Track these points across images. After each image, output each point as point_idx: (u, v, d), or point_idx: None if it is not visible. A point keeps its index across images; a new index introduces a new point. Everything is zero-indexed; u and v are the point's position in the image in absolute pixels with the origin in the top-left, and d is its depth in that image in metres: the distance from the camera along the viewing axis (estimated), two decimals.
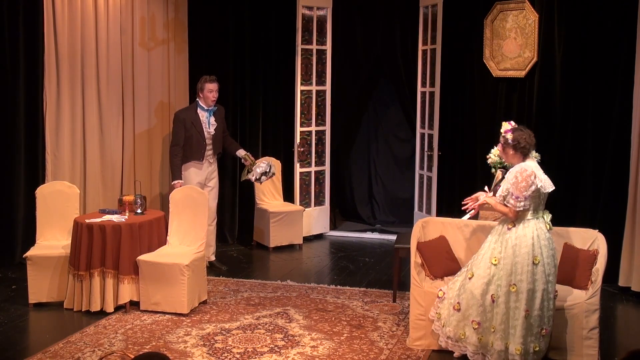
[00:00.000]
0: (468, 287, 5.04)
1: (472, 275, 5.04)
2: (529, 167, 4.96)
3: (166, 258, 6.11)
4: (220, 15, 8.55)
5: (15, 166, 7.29)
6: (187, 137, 7.26)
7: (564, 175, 7.41)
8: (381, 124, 9.75)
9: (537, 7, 7.46)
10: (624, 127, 6.83)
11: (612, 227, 6.66)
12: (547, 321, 4.91)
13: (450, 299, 5.17)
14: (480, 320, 4.98)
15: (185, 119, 7.26)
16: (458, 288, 5.14)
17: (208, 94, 7.28)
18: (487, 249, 5.06)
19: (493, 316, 4.95)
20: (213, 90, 7.29)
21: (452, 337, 5.13)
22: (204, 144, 7.31)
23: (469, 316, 5.04)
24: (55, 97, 7.40)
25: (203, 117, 7.31)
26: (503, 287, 4.90)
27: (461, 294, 5.09)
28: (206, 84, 7.28)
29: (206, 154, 7.35)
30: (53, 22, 7.32)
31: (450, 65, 8.16)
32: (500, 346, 4.92)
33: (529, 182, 4.88)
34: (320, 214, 8.99)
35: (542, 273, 4.87)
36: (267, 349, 5.31)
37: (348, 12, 9.14)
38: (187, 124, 7.25)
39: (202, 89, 7.29)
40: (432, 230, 5.79)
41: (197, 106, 7.34)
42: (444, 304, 5.22)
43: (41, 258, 6.22)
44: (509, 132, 5.05)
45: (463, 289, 5.09)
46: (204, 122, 7.30)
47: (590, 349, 5.09)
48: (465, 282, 5.08)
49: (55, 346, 5.35)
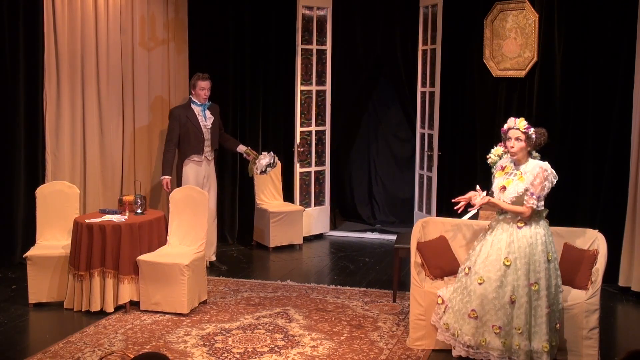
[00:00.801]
0: (480, 292, 4.94)
1: (483, 280, 4.94)
2: (547, 167, 5.01)
3: (166, 258, 6.11)
4: (220, 15, 8.55)
5: (15, 166, 7.29)
6: (184, 132, 7.25)
7: (564, 175, 7.36)
8: (381, 124, 9.75)
9: (537, 7, 7.46)
10: (624, 127, 6.83)
11: (612, 227, 6.66)
12: (559, 316, 4.97)
13: (459, 308, 5.05)
14: (502, 324, 4.90)
15: (180, 115, 7.26)
16: (467, 294, 5.02)
17: (200, 92, 7.28)
18: (493, 251, 4.98)
19: (515, 317, 4.89)
20: (205, 88, 7.28)
21: (473, 345, 5.00)
22: (202, 137, 7.30)
23: (488, 321, 4.93)
24: (55, 97, 7.40)
25: (197, 111, 7.32)
26: (523, 287, 4.86)
27: (473, 300, 4.97)
28: (198, 81, 7.28)
29: (205, 148, 7.33)
30: (53, 22, 7.32)
31: (450, 65, 8.16)
32: (527, 346, 4.88)
33: (549, 182, 4.94)
34: (320, 214, 8.99)
35: (554, 269, 4.95)
36: (267, 349, 5.31)
37: (348, 12, 9.14)
38: (182, 120, 7.25)
39: (195, 86, 7.30)
40: (432, 230, 5.79)
41: (191, 102, 7.35)
42: (450, 313, 5.12)
43: (41, 258, 6.22)
44: (530, 128, 5.05)
45: (474, 295, 4.97)
46: (199, 116, 7.30)
47: (590, 349, 5.09)
48: (475, 288, 4.97)
49: (55, 346, 5.36)
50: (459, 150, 8.28)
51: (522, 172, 5.04)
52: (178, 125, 7.25)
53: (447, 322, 5.14)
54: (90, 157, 7.66)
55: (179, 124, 7.25)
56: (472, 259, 5.11)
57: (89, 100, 7.61)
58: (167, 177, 7.21)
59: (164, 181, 7.21)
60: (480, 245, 5.11)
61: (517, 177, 5.04)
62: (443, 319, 5.17)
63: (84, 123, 7.61)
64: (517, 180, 5.01)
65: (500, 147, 6.86)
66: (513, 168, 5.14)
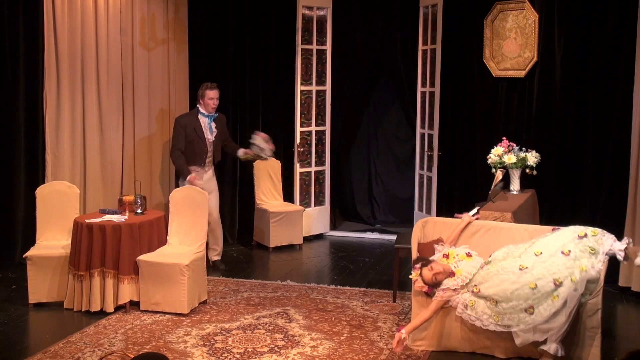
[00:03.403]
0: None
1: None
2: None
3: (166, 258, 6.11)
4: (220, 15, 8.55)
5: (15, 166, 7.29)
6: (188, 143, 7.25)
7: (564, 175, 7.41)
8: (381, 124, 9.75)
9: (537, 7, 7.47)
10: (624, 127, 6.83)
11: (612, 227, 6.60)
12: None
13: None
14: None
15: (186, 125, 7.25)
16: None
17: (209, 101, 7.27)
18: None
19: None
20: (214, 98, 7.28)
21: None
22: (205, 150, 7.31)
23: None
24: (55, 97, 7.40)
25: (204, 123, 7.31)
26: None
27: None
28: (207, 90, 7.26)
29: (207, 161, 7.35)
30: (53, 22, 7.32)
31: (450, 65, 8.16)
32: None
33: None
34: (320, 214, 8.99)
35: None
36: (267, 349, 5.31)
37: (348, 12, 9.14)
38: (188, 130, 7.24)
39: (203, 95, 7.28)
40: (432, 230, 5.77)
41: (198, 112, 7.34)
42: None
43: (41, 258, 6.22)
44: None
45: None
46: (205, 128, 7.30)
47: (592, 348, 5.09)
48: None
49: (55, 346, 5.35)
50: (459, 150, 8.28)
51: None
52: (184, 134, 7.23)
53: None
54: (90, 157, 7.66)
55: (185, 133, 7.23)
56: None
57: (89, 100, 7.61)
58: (191, 175, 7.16)
59: (191, 178, 7.11)
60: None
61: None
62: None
63: (84, 123, 7.61)
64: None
65: (500, 147, 6.90)
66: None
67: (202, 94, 7.29)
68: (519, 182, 6.86)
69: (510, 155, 6.74)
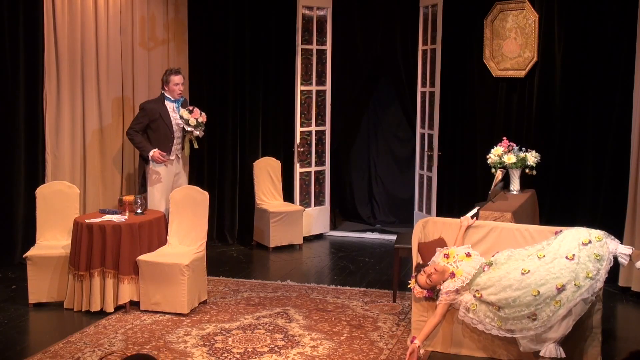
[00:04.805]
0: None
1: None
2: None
3: (166, 258, 6.11)
4: (221, 15, 8.55)
5: (15, 166, 7.29)
6: (154, 129, 7.15)
7: (564, 175, 7.41)
8: (381, 124, 9.75)
9: (537, 7, 7.46)
10: (624, 127, 6.83)
11: (612, 227, 6.62)
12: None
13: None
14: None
15: (152, 110, 7.14)
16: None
17: (174, 87, 7.17)
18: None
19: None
20: (179, 83, 7.17)
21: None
22: (172, 137, 7.21)
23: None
24: (55, 97, 7.40)
25: (171, 108, 7.24)
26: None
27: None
28: (172, 76, 7.16)
29: (174, 148, 7.27)
30: (53, 22, 7.32)
31: (450, 65, 8.16)
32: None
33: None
34: (320, 214, 8.99)
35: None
36: (267, 349, 5.31)
37: (348, 12, 9.14)
38: (154, 116, 7.12)
39: (168, 82, 7.17)
40: (433, 230, 5.77)
41: (164, 98, 7.23)
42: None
43: (41, 258, 6.22)
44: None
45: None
46: (173, 113, 7.22)
47: (593, 348, 5.09)
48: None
49: (55, 346, 5.35)
50: (459, 150, 8.28)
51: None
52: (147, 119, 7.12)
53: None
54: (90, 157, 7.66)
55: (149, 119, 7.12)
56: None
57: (89, 100, 7.61)
58: (154, 150, 7.05)
59: (155, 154, 7.02)
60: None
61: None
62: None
63: (84, 123, 7.62)
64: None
65: (500, 147, 6.90)
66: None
67: (166, 79, 7.18)
68: (519, 182, 6.86)
69: (510, 155, 6.74)
